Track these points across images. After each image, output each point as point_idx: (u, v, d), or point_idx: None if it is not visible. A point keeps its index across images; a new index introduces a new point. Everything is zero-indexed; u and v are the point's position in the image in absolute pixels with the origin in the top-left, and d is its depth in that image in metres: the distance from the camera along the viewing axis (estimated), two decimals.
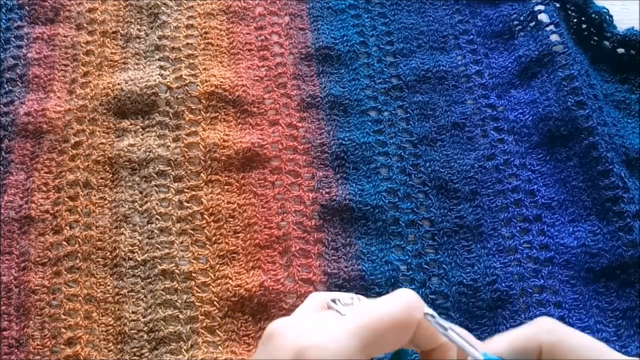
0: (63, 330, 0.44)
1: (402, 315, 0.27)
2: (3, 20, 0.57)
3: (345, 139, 0.52)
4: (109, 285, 0.46)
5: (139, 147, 0.51)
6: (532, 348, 0.29)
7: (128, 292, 0.45)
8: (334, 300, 0.29)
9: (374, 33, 0.58)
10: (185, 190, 0.50)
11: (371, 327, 0.26)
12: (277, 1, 0.59)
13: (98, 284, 0.46)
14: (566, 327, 0.29)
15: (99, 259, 0.47)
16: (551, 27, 0.55)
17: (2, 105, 0.53)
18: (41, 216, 0.48)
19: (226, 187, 0.50)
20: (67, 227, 0.48)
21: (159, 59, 0.56)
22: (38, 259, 0.46)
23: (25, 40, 0.57)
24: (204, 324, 0.44)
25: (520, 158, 0.51)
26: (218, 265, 0.47)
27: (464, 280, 0.46)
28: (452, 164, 0.51)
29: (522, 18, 0.57)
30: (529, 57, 0.54)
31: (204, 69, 0.55)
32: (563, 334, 0.29)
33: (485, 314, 0.44)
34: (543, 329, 0.29)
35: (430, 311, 0.28)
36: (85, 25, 0.58)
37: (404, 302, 0.27)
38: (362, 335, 0.26)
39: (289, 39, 0.57)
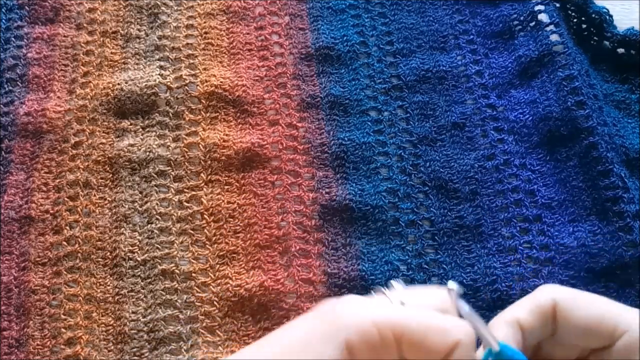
0: (63, 330, 0.44)
1: (456, 333, 0.26)
2: (3, 20, 0.57)
3: (345, 139, 0.52)
4: (109, 285, 0.46)
5: (139, 147, 0.51)
6: (547, 305, 0.29)
7: (128, 292, 0.45)
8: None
9: (374, 33, 0.58)
10: (185, 190, 0.50)
11: (416, 321, 0.26)
12: (277, 1, 0.59)
13: (98, 284, 0.46)
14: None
15: (99, 259, 0.47)
16: (551, 27, 0.55)
17: (2, 105, 0.53)
18: (41, 216, 0.48)
19: (226, 187, 0.50)
20: (67, 227, 0.48)
21: (159, 59, 0.56)
22: (38, 259, 0.46)
23: (25, 40, 0.57)
24: (204, 324, 0.44)
25: (520, 158, 0.51)
26: (218, 265, 0.47)
27: (464, 280, 0.46)
28: (452, 164, 0.51)
29: (522, 18, 0.57)
30: (529, 57, 0.54)
31: (204, 69, 0.55)
32: (573, 290, 0.30)
33: (485, 314, 0.44)
34: (553, 287, 0.30)
35: (455, 286, 0.27)
36: (85, 25, 0.58)
37: (464, 324, 0.26)
38: (401, 319, 0.26)
39: (289, 39, 0.57)
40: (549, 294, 0.30)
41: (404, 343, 0.26)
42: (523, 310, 0.30)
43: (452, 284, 0.27)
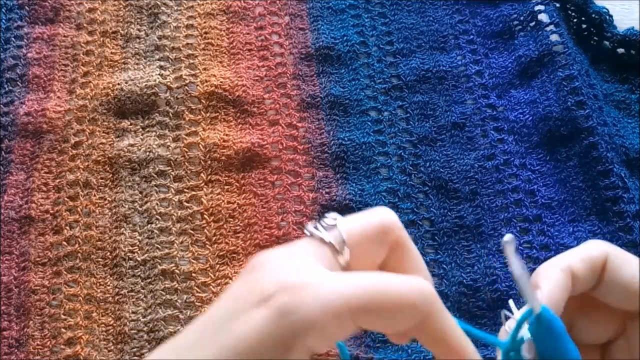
0: (63, 330, 0.44)
1: (414, 301, 0.24)
2: (3, 20, 0.57)
3: (345, 139, 0.52)
4: (109, 285, 0.46)
5: (139, 147, 0.51)
6: (598, 257, 0.29)
7: (128, 292, 0.45)
8: (316, 227, 0.27)
9: (374, 33, 0.58)
10: (185, 190, 0.50)
11: (373, 298, 0.23)
12: (277, 1, 0.59)
13: (98, 284, 0.46)
14: None
15: (99, 259, 0.47)
16: (551, 27, 0.55)
17: (2, 105, 0.53)
18: (41, 216, 0.48)
19: (226, 187, 0.50)
20: (67, 227, 0.48)
21: (159, 59, 0.56)
22: (38, 259, 0.46)
23: (25, 40, 0.57)
24: None
25: (520, 158, 0.51)
26: (218, 265, 0.47)
27: (464, 280, 0.46)
28: (452, 164, 0.51)
29: (522, 18, 0.57)
30: (529, 57, 0.54)
31: (204, 69, 0.55)
32: (622, 249, 0.29)
33: (485, 314, 0.44)
34: (603, 242, 0.30)
35: (511, 240, 0.26)
36: (85, 25, 0.58)
37: (420, 289, 0.24)
38: (359, 300, 0.23)
39: (289, 39, 0.57)
40: (602, 247, 0.30)
41: (366, 322, 0.24)
42: (575, 258, 0.29)
43: (508, 238, 0.26)
